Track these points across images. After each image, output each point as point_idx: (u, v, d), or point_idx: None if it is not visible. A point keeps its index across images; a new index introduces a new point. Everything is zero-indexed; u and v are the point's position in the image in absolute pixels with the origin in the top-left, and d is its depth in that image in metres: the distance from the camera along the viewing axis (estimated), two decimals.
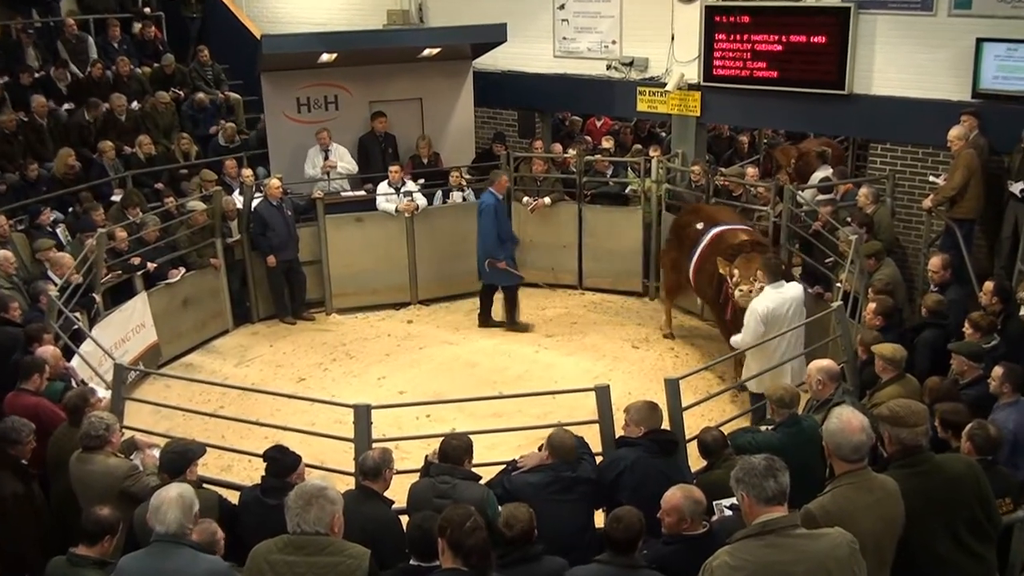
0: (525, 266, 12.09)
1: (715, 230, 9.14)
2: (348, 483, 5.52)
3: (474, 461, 5.24)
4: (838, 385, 5.95)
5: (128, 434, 5.91)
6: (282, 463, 5.00)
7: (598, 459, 5.46)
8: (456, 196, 11.70)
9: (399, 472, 5.66)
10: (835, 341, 7.19)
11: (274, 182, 10.80)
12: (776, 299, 7.42)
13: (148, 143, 12.01)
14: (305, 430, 6.46)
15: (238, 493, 5.25)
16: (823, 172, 11.13)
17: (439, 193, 11.75)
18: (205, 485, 5.28)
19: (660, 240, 11.38)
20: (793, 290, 7.57)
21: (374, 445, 5.61)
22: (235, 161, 11.86)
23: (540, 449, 5.29)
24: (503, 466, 5.42)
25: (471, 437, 5.20)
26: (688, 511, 4.38)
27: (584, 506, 5.13)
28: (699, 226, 9.38)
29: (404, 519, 4.76)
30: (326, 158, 11.66)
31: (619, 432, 5.56)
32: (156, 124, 12.64)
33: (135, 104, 12.73)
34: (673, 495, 4.43)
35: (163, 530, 3.87)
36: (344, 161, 11.85)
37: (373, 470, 4.88)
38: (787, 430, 5.45)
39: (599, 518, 5.27)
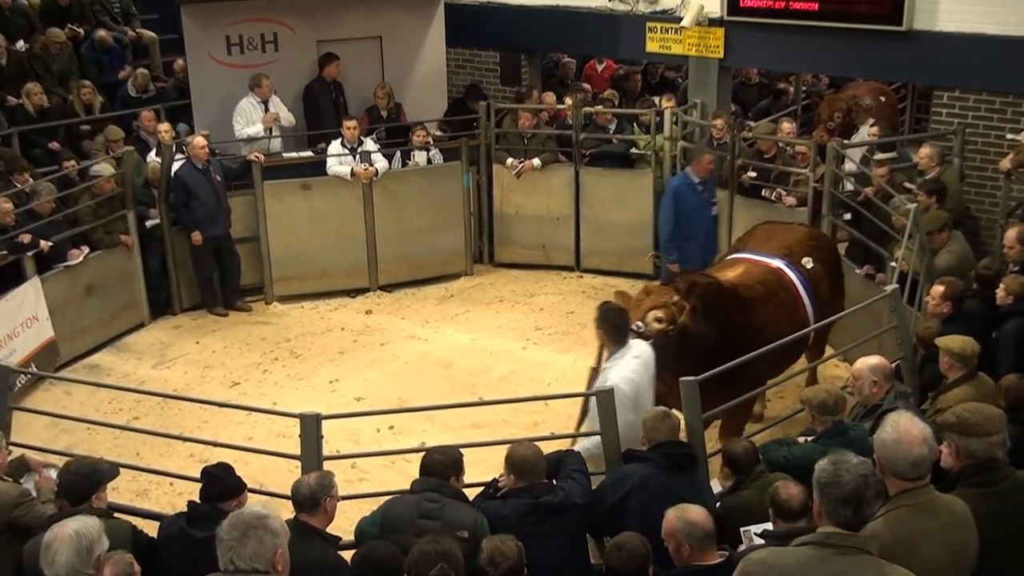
0: (509, 243, 12.12)
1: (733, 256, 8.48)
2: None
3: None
4: (891, 387, 5.97)
5: (17, 452, 5.84)
6: (223, 485, 4.94)
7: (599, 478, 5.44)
8: (420, 157, 11.68)
9: (355, 497, 5.65)
10: (889, 333, 7.20)
11: (199, 141, 10.72)
12: (636, 367, 6.17)
13: (39, 92, 11.88)
14: (241, 446, 6.42)
15: (157, 524, 5.20)
16: (872, 127, 11.12)
17: (397, 156, 11.73)
18: (116, 514, 5.23)
19: None
20: (641, 349, 6.34)
21: (325, 464, 5.58)
22: (154, 113, 11.77)
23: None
24: (482, 488, 5.38)
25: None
26: (683, 536, 4.40)
27: (571, 537, 5.13)
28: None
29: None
30: (266, 111, 11.61)
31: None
32: (48, 69, 12.50)
33: (21, 44, 12.57)
34: (667, 518, 4.48)
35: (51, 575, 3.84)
36: (287, 113, 11.80)
37: (309, 500, 4.79)
38: (831, 441, 5.46)
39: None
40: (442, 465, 5.07)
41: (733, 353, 6.25)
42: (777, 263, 8.01)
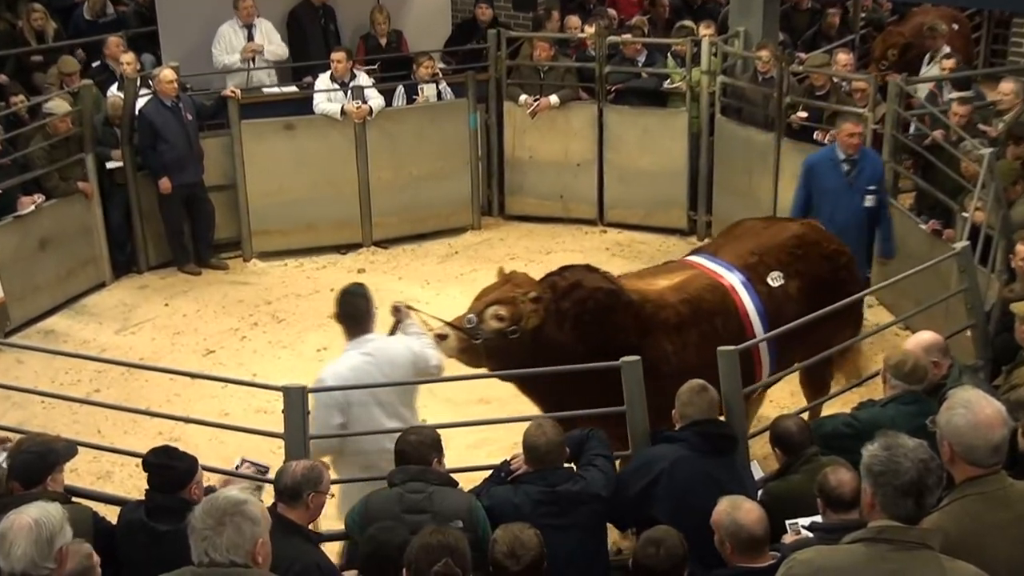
0: (522, 192, 12.08)
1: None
2: None
3: (452, 464, 5.23)
4: (951, 363, 5.97)
5: None
6: (171, 473, 4.95)
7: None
8: (430, 91, 11.62)
9: (344, 481, 5.69)
10: (957, 298, 7.17)
11: (166, 74, 10.67)
12: (360, 366, 6.03)
13: None
14: (216, 423, 6.47)
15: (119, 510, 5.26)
16: (946, 59, 11.02)
17: (400, 90, 11.67)
18: (75, 499, 5.28)
19: (711, 156, 11.34)
20: (396, 349, 6.13)
21: (312, 444, 5.60)
22: (120, 39, 11.69)
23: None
24: (490, 471, 5.42)
25: (439, 431, 5.21)
26: (727, 534, 4.44)
27: (590, 531, 5.15)
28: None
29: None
30: (249, 39, 11.56)
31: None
32: None
33: None
34: (717, 508, 4.53)
35: (7, 569, 3.86)
36: (274, 44, 11.78)
37: (290, 491, 4.79)
38: (902, 408, 5.48)
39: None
40: (422, 447, 5.08)
41: (615, 383, 5.78)
42: (731, 278, 7.09)
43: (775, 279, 7.16)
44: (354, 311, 6.10)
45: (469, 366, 6.52)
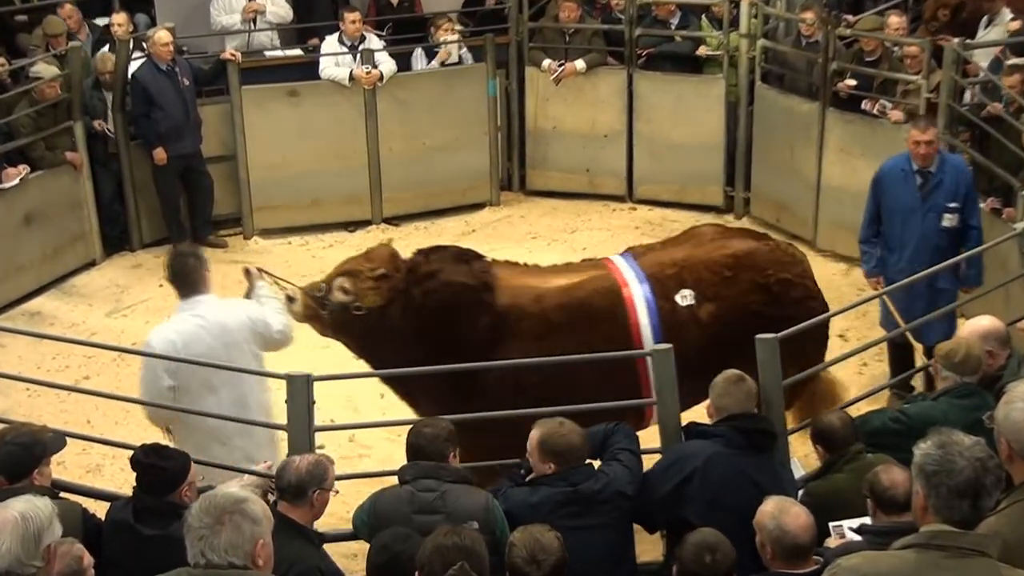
0: (545, 166, 12.06)
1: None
2: None
3: (466, 463, 5.25)
4: (1010, 353, 5.92)
5: None
6: (161, 474, 4.95)
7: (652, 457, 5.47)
8: (452, 49, 11.60)
9: (352, 477, 5.69)
10: (1018, 282, 7.15)
11: (161, 36, 10.68)
12: (188, 329, 6.28)
13: None
14: (214, 414, 6.44)
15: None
16: (1011, 21, 10.92)
17: (419, 53, 11.65)
18: (63, 494, 5.30)
19: (750, 127, 11.29)
20: (230, 313, 6.39)
21: (318, 436, 5.61)
22: (74, 7, 11.64)
23: None
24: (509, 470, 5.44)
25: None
26: (769, 538, 4.43)
27: (615, 532, 5.16)
28: None
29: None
30: None
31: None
32: None
33: None
34: (762, 508, 4.51)
35: None
36: (277, 3, 11.79)
37: (294, 489, 4.83)
38: (956, 401, 5.46)
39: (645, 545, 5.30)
40: (437, 440, 5.08)
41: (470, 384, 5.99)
42: (635, 288, 6.85)
43: (685, 297, 6.84)
44: (184, 271, 6.37)
45: (320, 335, 6.89)
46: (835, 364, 7.03)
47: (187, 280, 6.35)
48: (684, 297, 6.80)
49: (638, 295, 6.78)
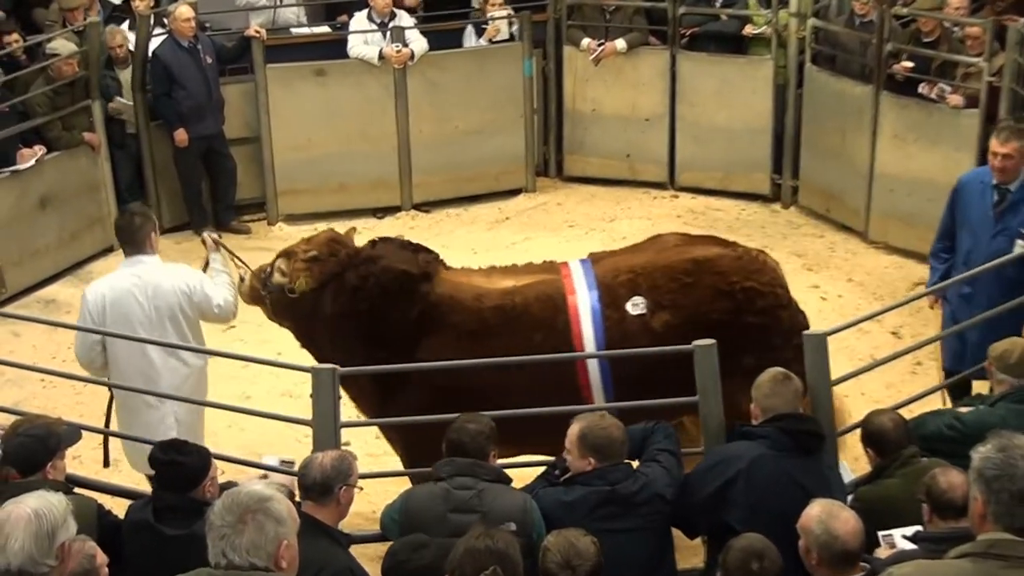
0: (583, 151, 12.05)
1: None
2: None
3: (500, 460, 5.25)
4: None
5: None
6: (181, 470, 4.98)
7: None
8: (503, 28, 11.60)
9: (378, 476, 5.72)
10: None
11: (183, 11, 10.73)
12: (120, 284, 6.59)
13: None
14: (236, 407, 6.50)
15: (128, 502, 5.31)
16: None
17: (470, 30, 11.69)
18: (77, 489, 5.33)
19: (799, 111, 11.25)
20: (166, 277, 6.65)
21: (343, 432, 5.63)
22: None
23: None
24: (543, 468, 5.47)
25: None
26: (815, 544, 4.41)
27: (654, 535, 5.16)
28: None
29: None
30: None
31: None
32: None
33: None
34: (808, 512, 4.51)
35: (2, 565, 3.90)
36: None
37: (320, 487, 4.84)
38: (1013, 407, 5.43)
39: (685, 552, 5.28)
40: (479, 437, 5.11)
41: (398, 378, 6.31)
42: (582, 295, 6.77)
43: (636, 306, 6.69)
44: (130, 228, 6.71)
45: (269, 320, 7.13)
46: (887, 363, 7.00)
47: (132, 238, 6.66)
48: (636, 305, 6.67)
49: (584, 304, 6.69)
